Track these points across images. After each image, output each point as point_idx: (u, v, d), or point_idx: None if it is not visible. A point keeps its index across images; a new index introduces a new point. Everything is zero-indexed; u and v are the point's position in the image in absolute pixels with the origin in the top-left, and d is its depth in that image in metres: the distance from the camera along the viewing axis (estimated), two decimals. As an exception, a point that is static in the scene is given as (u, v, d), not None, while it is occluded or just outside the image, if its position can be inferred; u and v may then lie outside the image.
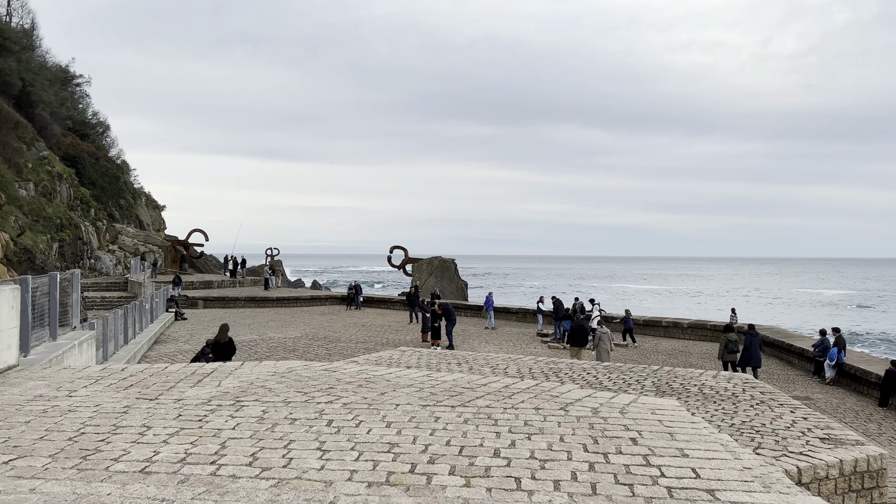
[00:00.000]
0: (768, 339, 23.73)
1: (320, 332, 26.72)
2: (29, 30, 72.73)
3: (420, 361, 13.73)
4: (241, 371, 8.13)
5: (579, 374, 12.74)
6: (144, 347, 21.61)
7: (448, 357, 14.53)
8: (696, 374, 12.83)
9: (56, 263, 42.24)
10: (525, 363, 13.64)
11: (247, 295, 40.86)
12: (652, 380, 12.14)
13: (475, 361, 13.93)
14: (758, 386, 11.73)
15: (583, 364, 13.76)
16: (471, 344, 23.96)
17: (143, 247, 55.05)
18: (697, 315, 63.63)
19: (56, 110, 69.18)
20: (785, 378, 19.23)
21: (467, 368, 13.12)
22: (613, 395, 7.02)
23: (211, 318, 32.15)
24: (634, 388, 11.45)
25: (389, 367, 8.60)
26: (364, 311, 36.74)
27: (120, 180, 74.72)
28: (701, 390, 11.26)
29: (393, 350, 15.61)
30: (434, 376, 7.93)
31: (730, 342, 18.01)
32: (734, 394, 11.04)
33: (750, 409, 9.99)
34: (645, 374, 12.73)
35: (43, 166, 46.74)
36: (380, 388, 7.10)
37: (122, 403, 6.32)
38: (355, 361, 13.75)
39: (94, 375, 7.82)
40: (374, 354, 14.91)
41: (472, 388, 7.23)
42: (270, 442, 5.04)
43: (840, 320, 58.99)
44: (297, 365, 8.55)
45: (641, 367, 13.44)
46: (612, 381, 12.04)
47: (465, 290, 51.11)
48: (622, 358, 22.24)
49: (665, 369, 13.24)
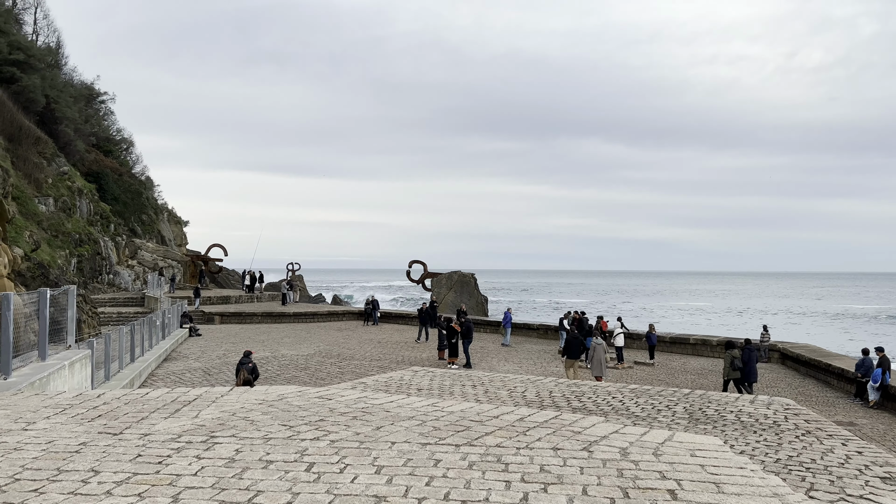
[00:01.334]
0: (803, 359, 22.49)
1: (334, 348, 25.95)
2: (55, 48, 73.69)
3: (432, 384, 12.87)
4: (226, 399, 7.34)
5: (603, 398, 11.78)
6: (153, 365, 20.99)
7: (462, 378, 13.64)
8: (732, 398, 11.80)
9: (74, 279, 42.10)
10: (545, 386, 12.70)
11: (263, 310, 40.32)
12: (683, 405, 11.14)
13: (491, 383, 13.02)
14: (801, 413, 10.69)
15: (607, 387, 12.79)
16: (489, 362, 23.03)
17: (163, 262, 54.94)
18: (725, 332, 61.94)
19: (80, 127, 69.84)
20: (824, 401, 18.03)
21: (482, 391, 12.23)
22: (644, 430, 6.10)
23: (226, 334, 31.59)
24: (664, 414, 10.47)
25: (391, 395, 7.74)
26: (381, 327, 35.96)
27: (142, 196, 75.13)
28: (738, 418, 10.24)
29: (405, 370, 14.76)
30: (440, 405, 7.07)
31: (734, 359, 17.53)
32: (776, 422, 10.01)
33: (795, 440, 8.97)
34: (675, 398, 11.73)
35: (63, 182, 46.84)
36: (376, 422, 6.25)
37: (80, 439, 5.54)
38: (363, 383, 12.93)
39: (63, 404, 7.07)
40: (384, 375, 14.07)
41: (482, 421, 6.35)
42: (233, 493, 4.22)
43: (879, 337, 56.96)
44: (289, 391, 7.74)
45: (671, 391, 12.44)
46: (639, 406, 11.07)
47: (486, 306, 50.13)
48: (648, 378, 21.17)
49: (697, 393, 12.22)
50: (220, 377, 19.47)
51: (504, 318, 28.86)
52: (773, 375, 22.02)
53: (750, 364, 17.75)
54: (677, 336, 28.16)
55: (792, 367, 23.58)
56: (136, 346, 20.42)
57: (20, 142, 44.73)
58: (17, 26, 64.26)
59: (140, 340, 21.18)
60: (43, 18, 74.01)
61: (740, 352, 18.26)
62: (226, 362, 22.26)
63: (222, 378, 19.28)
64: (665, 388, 13.43)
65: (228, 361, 22.38)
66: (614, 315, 33.35)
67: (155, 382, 18.78)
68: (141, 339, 21.17)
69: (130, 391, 7.89)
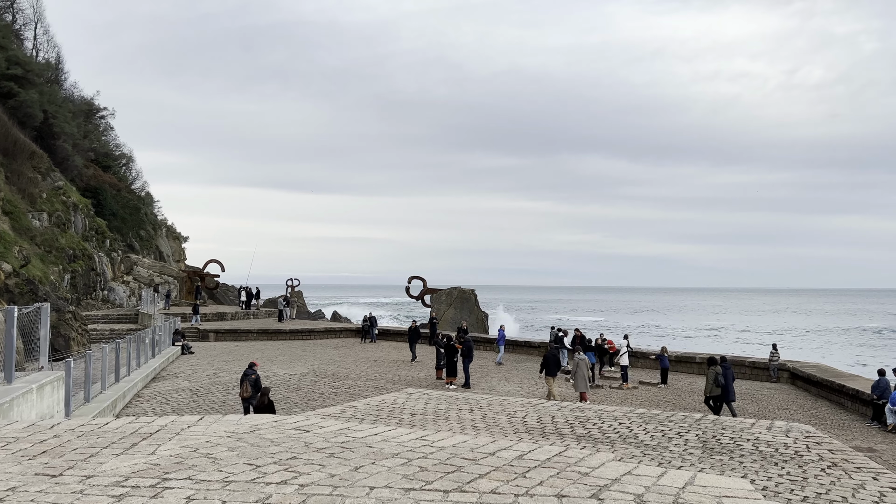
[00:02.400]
0: (815, 379, 21.68)
1: (329, 367, 25.17)
2: (54, 63, 73.53)
3: (426, 408, 12.10)
4: (192, 430, 6.60)
5: (610, 424, 11.00)
6: (139, 385, 20.22)
7: (459, 402, 12.87)
8: (747, 424, 11.03)
9: (66, 295, 41.40)
10: (547, 410, 11.93)
11: (259, 327, 39.56)
12: (696, 432, 10.37)
13: (490, 407, 12.25)
14: (823, 441, 9.92)
15: (613, 412, 12.01)
16: (488, 382, 22.23)
17: (159, 278, 54.22)
18: (732, 350, 60.96)
19: (79, 142, 69.43)
20: (839, 424, 17.21)
21: (480, 416, 11.46)
22: (661, 471, 5.34)
23: (220, 352, 30.82)
24: (676, 443, 9.70)
25: (377, 426, 6.99)
26: (379, 345, 35.17)
27: (141, 211, 74.62)
28: (756, 447, 9.47)
29: (398, 393, 14.00)
30: (430, 439, 6.32)
31: (718, 376, 17.01)
32: (797, 452, 9.24)
33: (822, 474, 8.20)
34: (686, 424, 10.96)
35: (58, 196, 46.27)
36: (356, 460, 5.50)
37: (10, 483, 4.80)
38: (353, 407, 12.17)
39: (9, 437, 6.32)
40: (376, 398, 13.31)
41: (476, 459, 5.60)
42: (169, 560, 3.48)
43: (886, 357, 56.00)
44: (264, 422, 6.99)
45: (681, 417, 11.66)
46: (648, 434, 10.30)
47: (486, 322, 49.31)
48: (654, 399, 20.37)
49: (710, 419, 11.44)
50: (208, 398, 18.70)
51: (498, 335, 28.00)
52: (783, 397, 21.21)
53: (728, 382, 17.18)
54: (683, 355, 27.34)
55: (802, 388, 22.76)
56: (121, 366, 19.67)
57: (14, 156, 44.24)
58: (17, 42, 64.03)
59: (127, 359, 20.43)
60: (43, 34, 73.69)
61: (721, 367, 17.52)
62: (216, 382, 21.48)
63: (210, 399, 18.51)
64: (674, 412, 12.65)
65: (219, 381, 21.61)
66: (617, 333, 32.58)
67: (140, 404, 18.01)
68: (127, 358, 20.41)
69: (88, 422, 7.15)
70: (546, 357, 19.20)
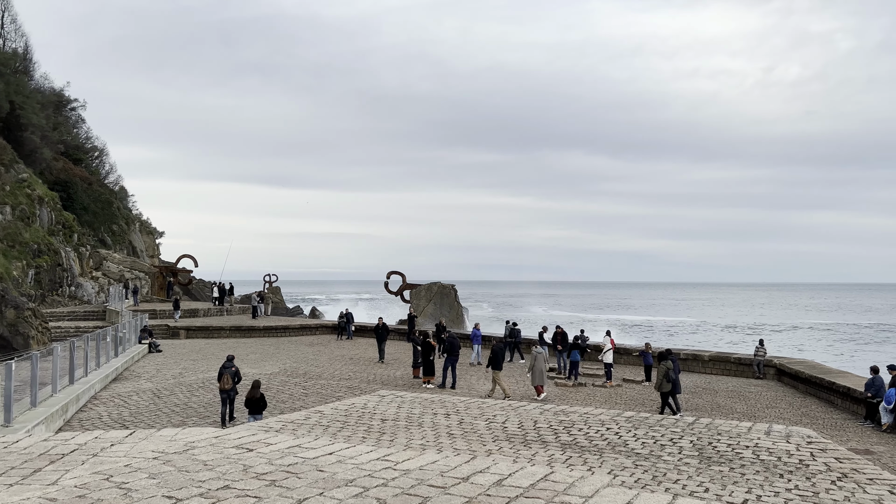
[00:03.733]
0: (803, 376, 21.08)
1: (302, 366, 24.14)
2: (21, 53, 71.30)
3: (399, 413, 11.17)
4: (114, 451, 5.62)
5: (597, 429, 10.16)
6: (98, 387, 19.07)
7: (435, 405, 11.96)
8: (744, 428, 10.25)
9: (30, 291, 39.86)
10: (529, 414, 11.05)
11: (232, 324, 38.35)
12: (690, 438, 9.55)
13: (467, 411, 11.35)
14: (828, 448, 9.15)
15: (600, 415, 11.17)
16: (467, 381, 21.35)
17: (130, 273, 52.64)
18: (715, 346, 60.69)
19: (48, 134, 67.40)
20: (831, 424, 16.57)
21: (456, 422, 10.56)
22: (668, 499, 4.47)
23: (189, 350, 29.64)
24: (670, 451, 8.87)
25: (333, 443, 6.05)
26: (355, 342, 34.18)
27: (113, 206, 72.80)
28: (757, 455, 8.67)
29: (370, 395, 13.06)
30: (394, 459, 5.39)
31: (668, 371, 16.76)
32: (802, 461, 8.45)
33: (833, 487, 7.40)
34: (679, 429, 10.15)
35: (22, 189, 44.58)
36: (301, 489, 4.56)
37: None
38: (319, 412, 11.20)
39: None
40: (345, 402, 12.35)
41: (446, 486, 4.68)
42: None
43: (869, 352, 56.08)
44: (201, 439, 6.03)
45: (672, 420, 10.85)
46: (639, 440, 9.46)
47: (466, 318, 48.49)
48: (639, 398, 19.62)
49: (703, 423, 10.64)
50: (170, 400, 17.62)
51: (472, 333, 26.93)
52: (771, 394, 20.58)
53: (676, 376, 17.13)
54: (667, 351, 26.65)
55: (789, 385, 22.18)
56: (78, 366, 18.52)
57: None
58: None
59: (84, 359, 19.27)
60: (11, 23, 71.42)
61: (672, 362, 17.38)
62: (180, 382, 20.39)
63: (172, 402, 17.43)
64: (664, 415, 11.86)
65: (183, 382, 20.52)
66: (590, 328, 31.82)
67: (96, 407, 16.89)
68: (84, 358, 19.25)
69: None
70: (493, 351, 19.11)
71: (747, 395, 20.33)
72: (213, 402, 17.30)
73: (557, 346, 23.47)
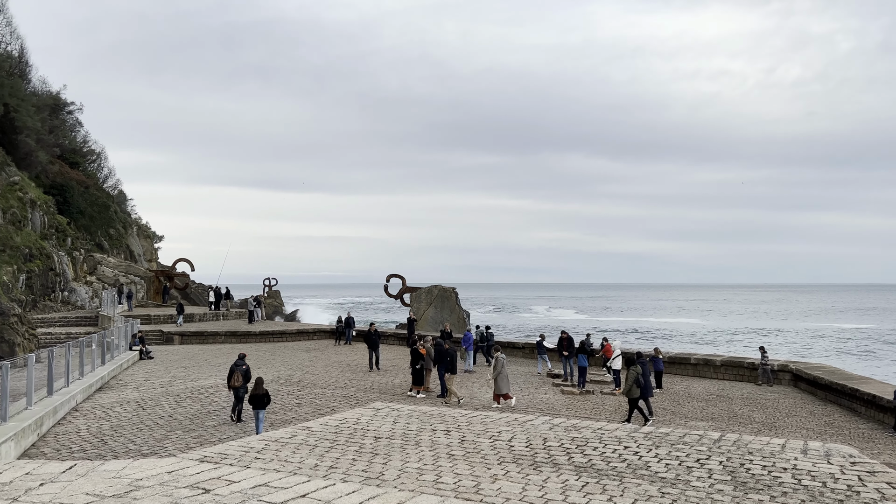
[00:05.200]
0: (822, 382, 20.05)
1: (297, 373, 23.15)
2: (17, 56, 70.51)
3: (394, 429, 10.16)
4: (43, 491, 4.62)
5: (613, 448, 9.15)
6: (79, 398, 18.09)
7: (434, 420, 10.95)
8: (777, 446, 9.23)
9: (21, 296, 38.88)
10: (537, 430, 10.04)
11: (228, 329, 37.36)
12: (718, 458, 8.54)
13: (469, 427, 10.34)
14: (876, 470, 8.14)
15: (615, 431, 10.15)
16: (469, 388, 20.34)
17: (125, 277, 51.68)
18: (729, 350, 59.61)
19: (43, 137, 66.54)
20: (857, 434, 15.55)
21: (457, 440, 9.55)
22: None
23: (182, 356, 28.64)
24: (698, 475, 7.86)
25: (309, 482, 5.07)
26: (354, 347, 33.19)
27: (110, 209, 71.98)
28: (798, 479, 7.66)
29: (364, 408, 12.05)
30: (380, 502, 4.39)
31: (638, 376, 15.92)
32: (850, 486, 7.45)
33: (893, 521, 6.39)
34: (704, 447, 9.14)
35: (13, 192, 43.61)
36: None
37: None
38: (307, 429, 10.19)
39: None
40: (336, 416, 11.35)
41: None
42: None
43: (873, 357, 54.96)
44: (151, 475, 5.03)
45: (696, 437, 9.83)
46: (661, 461, 8.45)
47: (468, 321, 47.49)
48: (653, 407, 18.57)
49: (730, 439, 9.63)
50: (154, 412, 16.62)
51: (464, 338, 25.65)
52: (789, 402, 19.54)
53: (646, 379, 16.54)
54: (677, 356, 25.66)
55: (807, 391, 21.15)
56: (59, 376, 17.55)
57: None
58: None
59: (66, 368, 18.29)
60: (6, 25, 70.63)
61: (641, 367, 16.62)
62: (168, 392, 19.40)
63: (156, 413, 16.44)
64: (686, 430, 10.84)
65: (171, 391, 19.53)
66: (589, 332, 30.74)
67: (74, 420, 15.89)
68: (66, 367, 18.26)
69: None
70: (438, 353, 18.44)
71: (764, 402, 19.30)
72: (200, 414, 16.33)
73: (563, 351, 22.45)
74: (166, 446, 13.32)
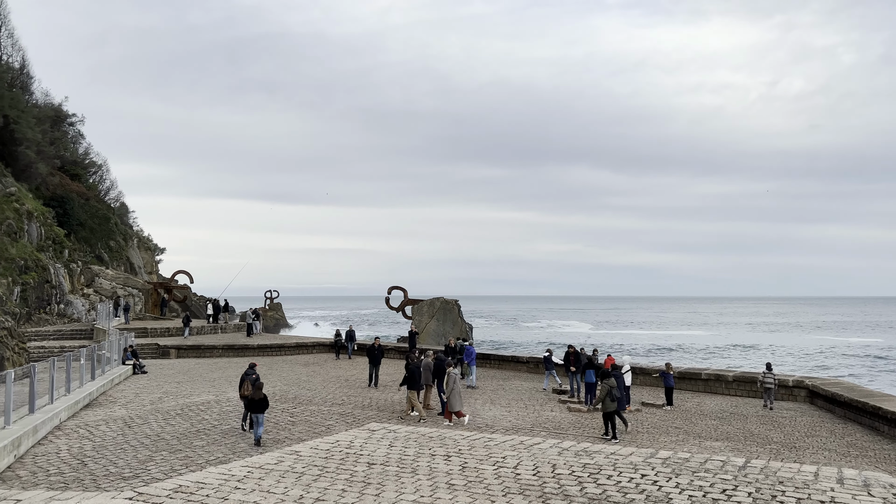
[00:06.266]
0: (841, 399, 19.18)
1: (293, 389, 22.35)
2: (18, 68, 70.35)
3: (389, 455, 9.37)
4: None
5: (628, 476, 8.35)
6: (64, 415, 17.29)
7: (433, 443, 10.16)
8: (809, 474, 8.43)
9: (15, 309, 38.18)
10: (545, 456, 9.25)
11: (225, 342, 36.55)
12: (746, 490, 7.74)
13: (471, 453, 9.55)
14: (923, 504, 7.32)
15: (630, 456, 9.35)
16: (471, 405, 19.51)
17: (122, 290, 51.00)
18: (722, 364, 58.66)
19: (44, 149, 66.17)
20: (883, 456, 14.67)
21: (458, 468, 8.75)
22: None
23: (176, 371, 27.86)
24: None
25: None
26: (355, 361, 32.37)
27: (111, 221, 71.52)
28: (839, 516, 6.85)
29: (359, 429, 11.26)
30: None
31: (612, 390, 15.39)
32: (899, 525, 6.64)
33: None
34: (729, 475, 8.34)
35: (9, 203, 43.02)
36: None
37: None
38: (295, 454, 9.40)
39: None
40: (328, 438, 10.56)
41: None
42: None
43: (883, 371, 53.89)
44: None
45: (718, 463, 9.02)
46: (684, 493, 7.65)
47: (470, 334, 46.68)
48: (662, 424, 17.73)
49: (756, 466, 8.83)
50: (140, 431, 15.83)
51: (466, 353, 24.63)
52: (806, 420, 18.67)
53: (621, 391, 16.28)
54: (687, 371, 24.78)
55: (824, 408, 20.27)
56: (42, 394, 16.79)
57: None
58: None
59: (50, 384, 17.53)
60: (7, 38, 70.46)
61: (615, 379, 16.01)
62: (157, 409, 18.61)
63: (142, 432, 15.64)
64: (706, 455, 10.03)
65: (161, 408, 18.74)
66: (591, 348, 29.91)
67: (56, 440, 15.10)
68: (50, 383, 17.50)
69: None
70: (411, 370, 17.98)
71: (781, 421, 18.43)
72: (189, 433, 15.55)
73: (571, 367, 21.61)
74: (149, 468, 12.53)
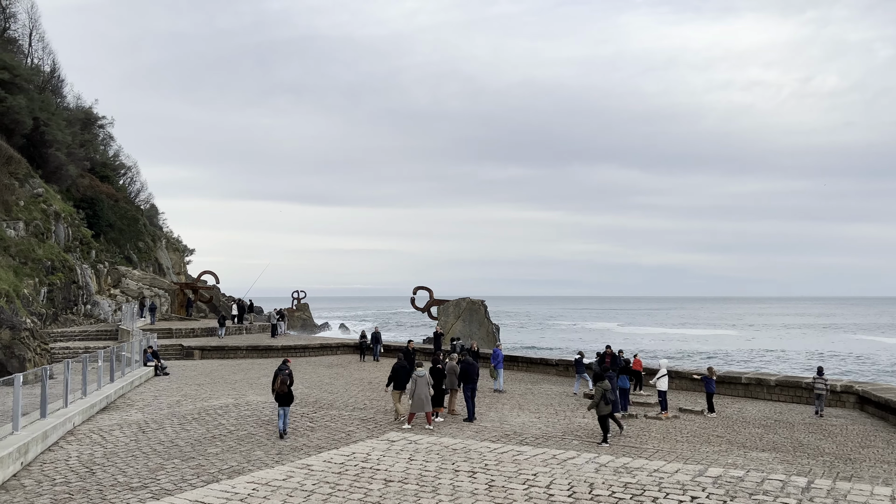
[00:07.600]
0: (881, 401, 17.92)
1: (314, 392, 21.68)
2: (48, 71, 71.16)
3: (409, 470, 8.54)
4: None
5: (677, 498, 7.41)
6: (77, 419, 16.80)
7: (457, 457, 9.31)
8: (883, 498, 7.41)
9: (41, 310, 38.22)
10: (582, 474, 8.35)
11: (249, 343, 36.15)
12: (814, 517, 6.76)
13: (499, 469, 8.68)
14: None
15: (676, 473, 8.39)
16: (499, 411, 18.62)
17: (149, 290, 51.03)
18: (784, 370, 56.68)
19: (74, 151, 66.80)
20: (947, 468, 13.45)
21: (484, 487, 7.89)
22: None
23: (198, 373, 27.42)
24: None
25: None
26: (381, 364, 31.65)
27: (139, 222, 72.00)
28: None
29: (377, 440, 10.46)
30: None
31: (607, 392, 14.99)
32: None
33: None
34: (793, 500, 7.35)
35: (37, 204, 43.17)
36: None
37: None
38: (307, 467, 8.62)
39: None
40: (344, 450, 9.78)
41: None
42: None
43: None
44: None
45: (778, 484, 8.03)
46: (742, 520, 6.70)
47: (497, 335, 45.73)
48: (702, 432, 16.66)
49: (821, 487, 7.82)
50: (154, 437, 15.24)
51: (493, 356, 23.59)
52: (858, 428, 17.44)
53: (616, 397, 15.98)
54: (726, 375, 23.60)
55: (877, 416, 19.00)
56: (56, 397, 16.32)
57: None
58: (11, 48, 61.44)
59: (64, 387, 17.05)
60: (38, 41, 71.25)
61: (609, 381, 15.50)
62: (174, 413, 18.05)
63: (156, 438, 15.05)
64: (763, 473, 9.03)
65: (178, 412, 18.19)
66: (642, 349, 28.75)
67: (67, 446, 14.57)
68: (65, 386, 17.02)
69: None
70: (395, 370, 17.53)
71: (831, 429, 17.24)
72: (204, 439, 14.93)
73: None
74: (159, 478, 11.88)
